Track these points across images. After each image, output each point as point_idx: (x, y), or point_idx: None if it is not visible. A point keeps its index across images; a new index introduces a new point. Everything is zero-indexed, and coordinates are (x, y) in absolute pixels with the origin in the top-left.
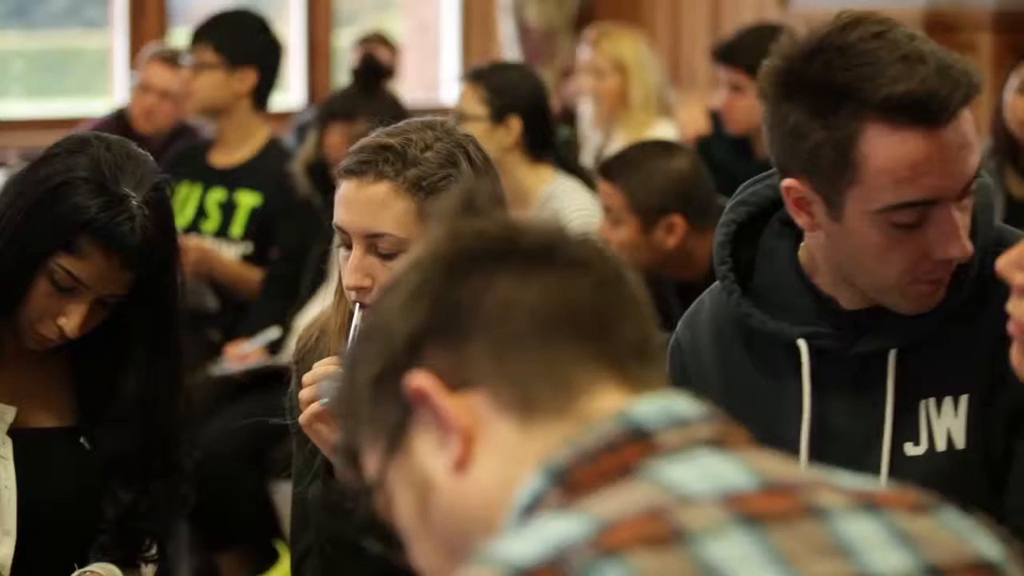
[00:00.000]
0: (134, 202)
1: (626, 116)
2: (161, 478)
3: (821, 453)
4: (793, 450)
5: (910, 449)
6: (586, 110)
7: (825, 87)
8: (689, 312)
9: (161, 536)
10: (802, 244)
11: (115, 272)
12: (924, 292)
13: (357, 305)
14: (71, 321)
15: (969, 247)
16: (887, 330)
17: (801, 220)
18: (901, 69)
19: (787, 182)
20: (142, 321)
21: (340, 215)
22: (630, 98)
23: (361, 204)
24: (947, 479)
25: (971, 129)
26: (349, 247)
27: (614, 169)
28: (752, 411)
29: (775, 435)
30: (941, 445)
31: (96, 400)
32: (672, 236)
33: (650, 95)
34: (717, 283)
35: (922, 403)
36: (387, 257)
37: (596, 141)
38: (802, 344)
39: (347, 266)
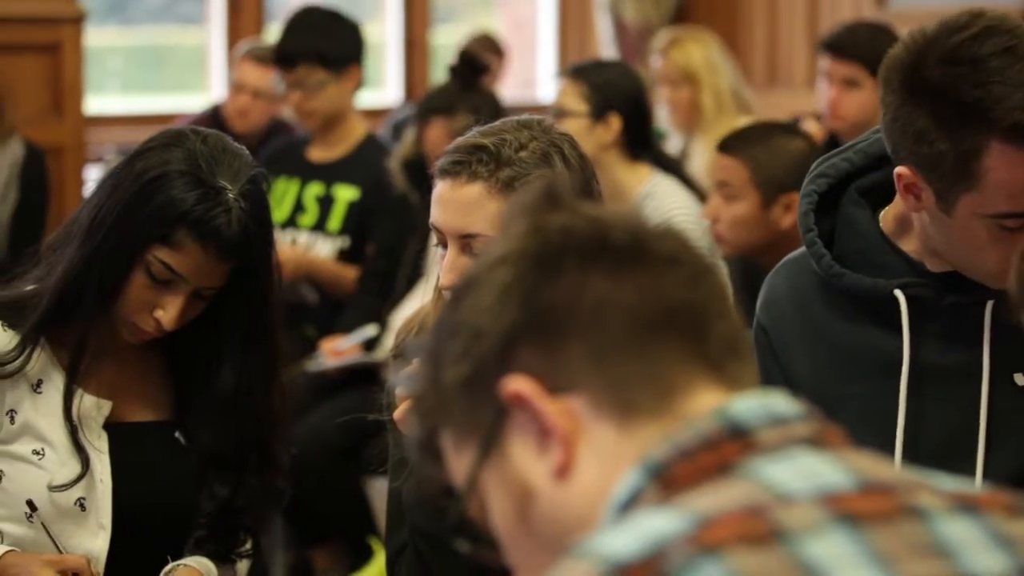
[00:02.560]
0: (230, 194)
1: (703, 123)
2: (257, 472)
3: (919, 396)
4: (891, 399)
5: (1020, 379)
6: (663, 116)
7: (954, 99)
8: (763, 296)
9: (256, 531)
10: (882, 212)
11: (211, 264)
12: None
13: None
14: (168, 313)
15: None
16: (978, 287)
17: (907, 203)
18: None
19: (900, 169)
20: (238, 314)
21: (435, 215)
22: (702, 107)
23: (455, 204)
24: None
25: None
26: (446, 246)
27: (737, 143)
28: (844, 370)
29: (871, 390)
30: None
31: (192, 393)
32: (789, 215)
33: (723, 101)
34: (784, 261)
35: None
36: None
37: (677, 146)
38: (899, 294)
39: (442, 265)
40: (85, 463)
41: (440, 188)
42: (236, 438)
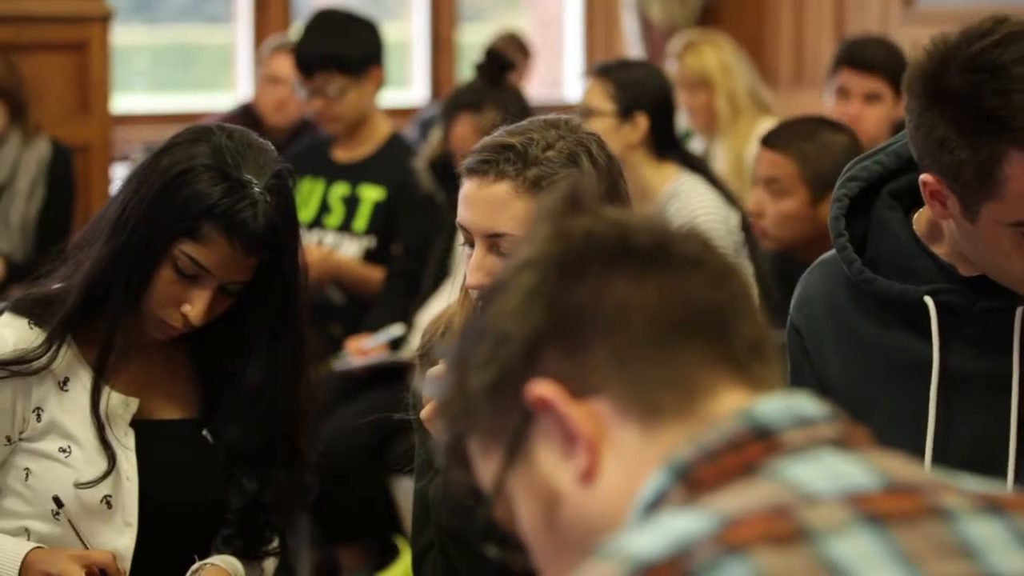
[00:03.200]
0: (256, 188)
1: (720, 126)
2: (285, 468)
3: (948, 402)
4: (920, 404)
5: None
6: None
7: (974, 107)
8: (797, 295)
9: (283, 528)
10: (915, 215)
11: (238, 258)
12: None
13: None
14: (195, 308)
15: None
16: (1009, 292)
17: (934, 210)
18: None
19: (925, 177)
20: (264, 309)
21: (462, 214)
22: (718, 111)
23: (482, 204)
24: None
25: None
26: (472, 245)
27: (785, 139)
28: (882, 373)
29: (901, 395)
30: None
31: (218, 389)
32: None
33: (739, 103)
34: (819, 261)
35: None
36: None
37: (700, 148)
38: (929, 300)
39: (469, 265)
40: (111, 460)
41: (467, 187)
42: (263, 433)
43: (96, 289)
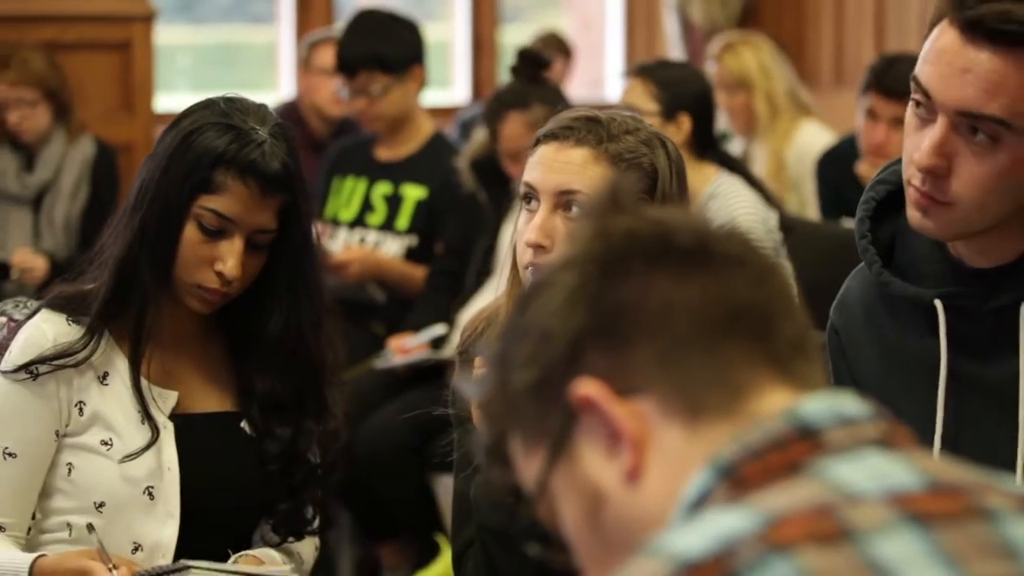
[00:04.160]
0: (261, 132)
1: (759, 128)
2: (315, 419)
3: (959, 404)
4: (932, 407)
5: None
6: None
7: None
8: (838, 297)
9: (324, 505)
10: None
11: (256, 200)
12: None
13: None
14: (228, 263)
15: None
16: (1018, 285)
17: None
18: None
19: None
20: (282, 260)
21: (532, 174)
22: (757, 112)
23: (559, 164)
24: None
25: None
26: (531, 209)
27: None
28: (903, 376)
29: (918, 397)
30: None
31: (249, 353)
32: None
33: (777, 104)
34: (863, 264)
35: None
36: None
37: (738, 149)
38: (938, 304)
39: (528, 225)
40: (155, 431)
41: (543, 151)
42: (290, 382)
43: (125, 269)
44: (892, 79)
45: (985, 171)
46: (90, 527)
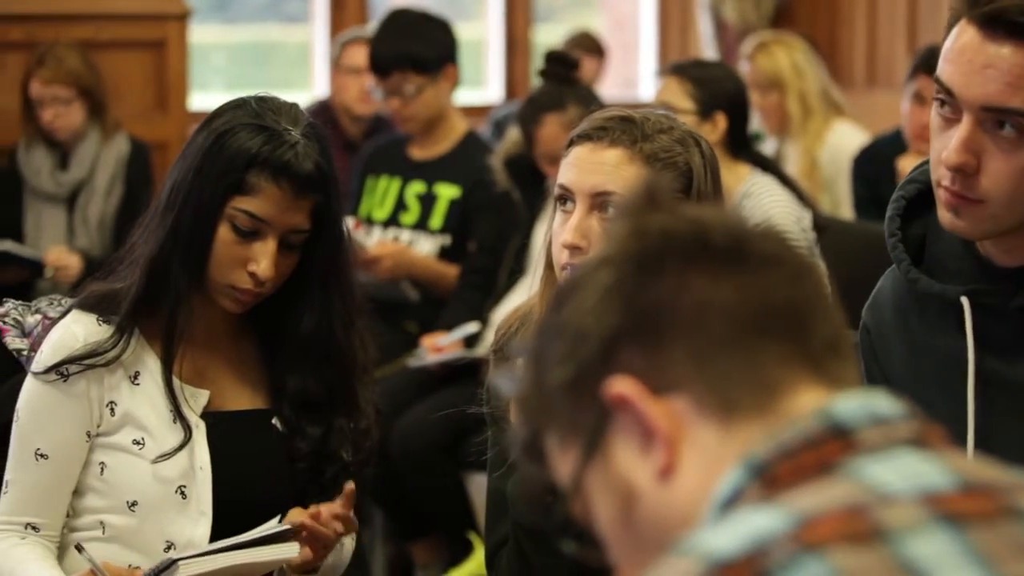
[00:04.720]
0: (293, 133)
1: (792, 127)
2: (346, 417)
3: (986, 402)
4: (963, 407)
5: None
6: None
7: None
8: (871, 297)
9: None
10: None
11: (289, 202)
12: None
13: None
14: (261, 264)
15: None
16: None
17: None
18: None
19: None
20: (314, 258)
21: (566, 175)
22: (790, 112)
23: (593, 164)
24: None
25: None
26: (566, 210)
27: None
28: (932, 375)
29: (950, 394)
30: None
31: (280, 351)
32: None
33: (810, 104)
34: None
35: None
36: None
37: (771, 148)
38: (964, 301)
39: (564, 226)
40: (188, 431)
41: (577, 151)
42: (322, 380)
43: (157, 268)
44: None
45: (1013, 165)
46: (79, 547)
